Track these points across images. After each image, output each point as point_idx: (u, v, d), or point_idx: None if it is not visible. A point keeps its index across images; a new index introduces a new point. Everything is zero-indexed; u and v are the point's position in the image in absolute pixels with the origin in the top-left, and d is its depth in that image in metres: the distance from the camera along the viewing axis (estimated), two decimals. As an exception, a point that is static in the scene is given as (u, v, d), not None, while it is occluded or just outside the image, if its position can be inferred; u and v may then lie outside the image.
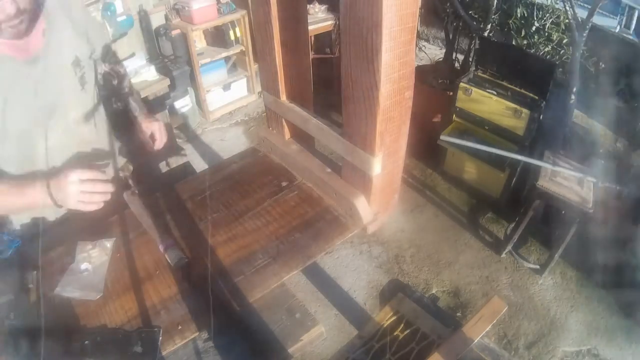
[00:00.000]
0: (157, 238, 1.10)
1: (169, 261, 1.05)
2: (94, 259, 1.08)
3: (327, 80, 3.64)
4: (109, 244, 1.11)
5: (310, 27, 3.13)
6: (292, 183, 1.26)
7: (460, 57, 3.30)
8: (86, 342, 0.92)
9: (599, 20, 2.95)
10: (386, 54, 0.85)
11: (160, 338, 0.92)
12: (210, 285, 0.96)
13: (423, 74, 3.15)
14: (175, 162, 2.87)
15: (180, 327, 0.95)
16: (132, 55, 2.84)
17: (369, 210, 1.10)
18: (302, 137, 1.30)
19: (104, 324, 0.97)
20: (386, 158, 1.02)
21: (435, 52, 3.99)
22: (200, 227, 1.15)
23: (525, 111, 2.41)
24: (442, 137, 2.66)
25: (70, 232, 1.16)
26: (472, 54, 3.01)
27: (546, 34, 2.68)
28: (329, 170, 1.20)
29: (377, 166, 1.01)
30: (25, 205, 1.06)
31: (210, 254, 1.08)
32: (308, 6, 3.48)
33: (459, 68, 3.23)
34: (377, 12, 0.80)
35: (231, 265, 1.05)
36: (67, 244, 1.12)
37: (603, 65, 2.88)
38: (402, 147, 1.06)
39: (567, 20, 2.51)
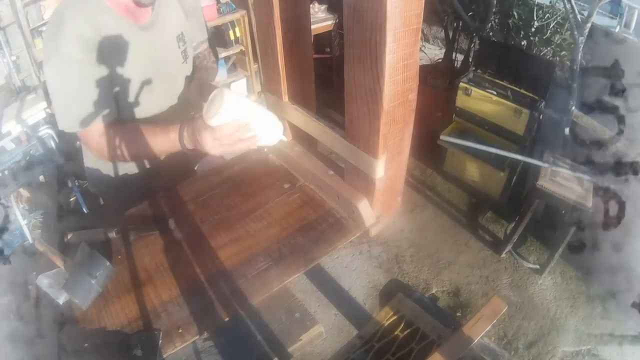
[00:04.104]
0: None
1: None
2: None
3: (326, 79, 3.63)
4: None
5: (310, 26, 3.12)
6: (294, 185, 1.25)
7: (460, 57, 3.29)
8: (86, 344, 0.92)
9: (599, 20, 2.94)
10: (390, 55, 0.84)
11: (161, 341, 0.92)
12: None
13: (423, 74, 3.14)
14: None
15: (180, 330, 0.94)
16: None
17: (371, 213, 1.10)
18: (304, 138, 1.30)
19: (104, 327, 0.96)
20: (389, 161, 1.01)
21: (435, 52, 3.98)
22: (202, 229, 1.14)
23: (525, 111, 2.41)
24: (442, 137, 2.65)
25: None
26: (472, 54, 3.00)
27: (548, 33, 2.67)
28: (331, 172, 1.19)
29: (380, 169, 1.01)
30: (168, 146, 1.11)
31: (212, 257, 1.07)
32: (308, 5, 3.46)
33: (458, 68, 3.23)
34: (381, 13, 0.79)
35: (232, 268, 1.05)
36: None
37: (603, 65, 2.87)
38: (406, 150, 1.06)
39: (568, 22, 2.51)
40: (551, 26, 2.66)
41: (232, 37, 3.43)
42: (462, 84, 2.61)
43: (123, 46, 1.11)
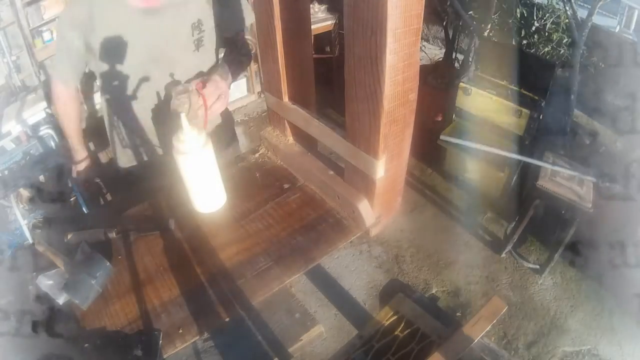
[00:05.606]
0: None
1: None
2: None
3: (326, 79, 3.62)
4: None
5: (309, 26, 3.12)
6: (294, 185, 1.25)
7: (460, 57, 3.29)
8: (86, 345, 0.92)
9: (599, 20, 2.95)
10: (390, 55, 0.84)
11: (161, 341, 0.91)
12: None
13: (423, 74, 3.14)
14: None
15: (181, 331, 0.94)
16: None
17: (371, 214, 1.10)
18: (304, 138, 1.29)
19: (104, 327, 0.96)
20: (389, 161, 1.01)
21: (435, 52, 3.98)
22: (202, 229, 1.14)
23: (525, 111, 2.41)
24: (442, 137, 2.65)
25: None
26: (472, 54, 3.00)
27: (546, 34, 2.67)
28: (331, 172, 1.19)
29: (381, 169, 1.01)
30: None
31: (212, 257, 1.07)
32: (307, 5, 3.46)
33: (459, 68, 3.23)
34: (382, 13, 0.79)
35: (233, 268, 1.05)
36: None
37: (603, 65, 2.88)
38: (406, 150, 1.06)
39: (567, 20, 2.51)
40: (547, 26, 2.66)
41: (232, 37, 3.43)
42: (462, 84, 2.60)
43: (117, 31, 1.13)
